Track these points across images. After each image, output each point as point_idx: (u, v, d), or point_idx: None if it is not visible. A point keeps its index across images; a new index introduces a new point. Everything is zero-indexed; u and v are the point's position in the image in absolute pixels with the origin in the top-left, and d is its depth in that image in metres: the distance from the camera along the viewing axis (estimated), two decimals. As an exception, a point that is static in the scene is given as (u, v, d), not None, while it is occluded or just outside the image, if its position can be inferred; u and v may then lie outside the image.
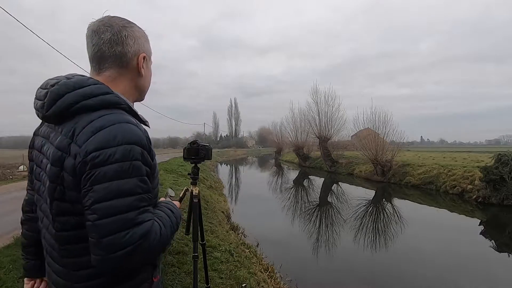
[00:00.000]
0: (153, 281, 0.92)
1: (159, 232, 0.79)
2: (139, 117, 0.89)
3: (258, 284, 3.53)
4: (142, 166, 0.78)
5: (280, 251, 6.17)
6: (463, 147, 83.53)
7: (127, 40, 0.88)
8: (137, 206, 0.75)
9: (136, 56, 0.91)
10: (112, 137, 0.74)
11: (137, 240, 0.73)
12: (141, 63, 0.92)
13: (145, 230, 0.75)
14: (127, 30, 0.89)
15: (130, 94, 0.93)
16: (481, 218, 9.80)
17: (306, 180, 20.92)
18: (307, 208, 11.65)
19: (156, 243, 0.78)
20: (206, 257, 2.25)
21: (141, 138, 0.79)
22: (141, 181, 0.77)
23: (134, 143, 0.76)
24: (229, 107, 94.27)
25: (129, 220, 0.73)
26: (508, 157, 10.79)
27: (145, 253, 0.76)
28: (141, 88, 0.97)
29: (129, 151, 0.75)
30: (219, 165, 32.16)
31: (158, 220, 0.82)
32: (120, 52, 0.88)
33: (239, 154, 59.42)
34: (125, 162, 0.74)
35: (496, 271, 5.65)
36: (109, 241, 0.71)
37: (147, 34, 0.96)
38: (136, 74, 0.92)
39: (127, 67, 0.90)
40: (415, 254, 6.49)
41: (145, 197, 0.78)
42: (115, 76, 0.89)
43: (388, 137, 19.05)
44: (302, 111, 30.73)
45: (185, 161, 2.03)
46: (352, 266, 5.80)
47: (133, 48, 0.90)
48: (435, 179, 14.51)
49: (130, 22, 0.92)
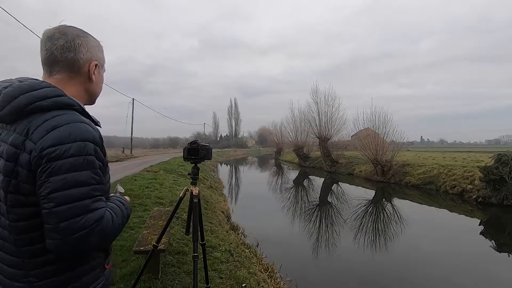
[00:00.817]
0: (105, 268, 1.01)
1: (111, 220, 0.89)
2: (91, 118, 0.98)
3: (258, 284, 3.53)
4: (96, 160, 0.88)
5: (280, 251, 6.17)
6: (463, 147, 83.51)
7: (80, 48, 0.97)
8: (92, 194, 0.85)
9: (88, 63, 0.99)
10: (68, 134, 0.83)
11: (91, 224, 0.82)
12: (92, 69, 1.00)
13: (98, 215, 0.84)
14: (80, 39, 0.98)
15: (81, 97, 1.00)
16: (481, 218, 9.80)
17: (306, 180, 20.92)
18: (307, 208, 11.65)
19: (109, 229, 0.88)
20: (206, 257, 2.25)
21: (94, 136, 0.88)
22: (94, 173, 0.87)
23: (87, 140, 0.86)
24: (229, 107, 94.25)
25: (84, 206, 0.83)
26: (508, 157, 10.80)
27: (99, 237, 0.85)
28: (92, 92, 1.05)
29: (83, 147, 0.85)
30: (219, 165, 32.14)
31: (110, 210, 0.92)
32: (72, 58, 0.95)
33: (239, 154, 59.39)
34: (80, 157, 0.84)
35: (496, 271, 5.65)
36: (66, 225, 0.80)
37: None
38: (87, 79, 1.01)
39: (78, 72, 0.98)
40: (415, 254, 6.49)
41: (98, 188, 0.88)
42: (66, 80, 0.97)
43: (388, 137, 19.08)
44: (302, 111, 30.84)
45: (185, 161, 2.03)
46: (352, 266, 5.80)
47: (85, 55, 0.98)
48: (435, 179, 14.52)
49: (85, 32, 1.01)
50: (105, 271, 1.00)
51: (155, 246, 2.16)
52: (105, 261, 1.01)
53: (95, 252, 0.95)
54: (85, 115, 0.94)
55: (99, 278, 0.97)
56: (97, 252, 0.96)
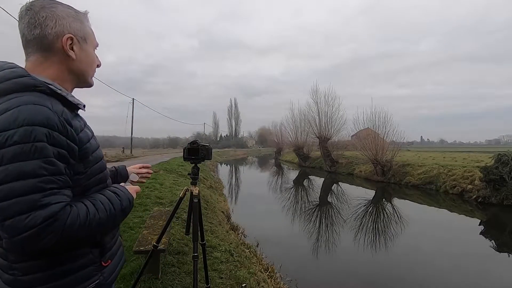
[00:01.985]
0: (102, 265, 0.91)
1: (80, 215, 0.78)
2: (68, 100, 0.85)
3: (258, 284, 3.53)
4: (48, 147, 0.74)
5: (280, 251, 6.16)
6: (463, 147, 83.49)
7: (46, 21, 0.83)
8: (42, 188, 0.73)
9: (59, 38, 0.85)
10: (14, 119, 0.72)
11: (40, 223, 0.71)
12: (66, 44, 0.86)
13: (50, 212, 0.72)
14: (45, 11, 0.84)
15: (65, 79, 0.89)
16: (481, 218, 9.80)
17: (306, 180, 20.91)
18: (307, 208, 11.65)
19: (77, 226, 0.76)
20: (206, 257, 2.24)
21: (48, 118, 0.75)
22: (46, 162, 0.74)
23: (37, 124, 0.73)
24: (229, 107, 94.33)
25: (31, 202, 0.71)
26: (508, 157, 10.79)
27: (57, 237, 0.73)
28: (77, 71, 0.91)
29: (30, 132, 0.72)
30: (219, 165, 32.13)
31: (88, 202, 0.82)
32: (39, 35, 0.83)
33: (239, 154, 59.36)
34: (26, 144, 0.72)
35: (496, 271, 5.65)
36: (10, 224, 0.70)
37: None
38: (64, 57, 0.87)
39: (51, 50, 0.85)
40: (415, 254, 6.49)
41: (53, 179, 0.75)
42: (41, 61, 0.86)
43: (388, 137, 19.09)
44: (302, 111, 30.85)
45: (185, 161, 2.03)
46: (352, 266, 5.80)
47: (54, 29, 0.84)
48: (435, 179, 14.51)
49: (53, 1, 0.86)
50: (103, 269, 0.91)
51: (155, 246, 2.16)
52: (101, 257, 0.91)
53: (87, 248, 0.87)
54: (56, 97, 0.82)
55: (94, 276, 0.88)
56: (88, 248, 0.87)
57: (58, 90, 0.83)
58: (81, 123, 0.89)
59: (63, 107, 0.82)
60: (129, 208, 0.97)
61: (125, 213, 0.95)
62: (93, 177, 0.90)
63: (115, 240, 1.01)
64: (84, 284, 0.86)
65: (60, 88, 0.86)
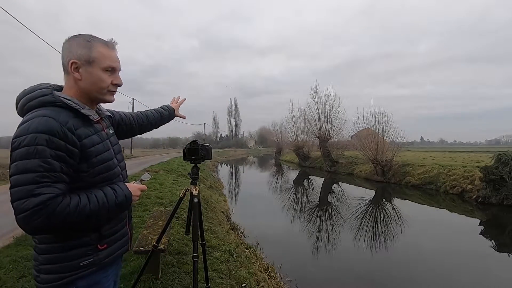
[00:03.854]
0: (98, 248, 1.12)
1: (71, 204, 0.98)
2: (81, 113, 1.07)
3: (258, 284, 3.53)
4: (47, 149, 0.95)
5: (280, 251, 6.16)
6: (463, 147, 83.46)
7: (64, 52, 1.08)
8: (38, 181, 0.94)
9: (68, 63, 1.07)
10: (27, 128, 0.96)
11: (32, 207, 0.92)
12: (69, 68, 1.08)
13: (39, 200, 0.92)
14: (65, 44, 1.09)
15: (81, 96, 1.11)
16: (481, 218, 9.79)
17: (306, 180, 20.91)
18: (307, 208, 11.65)
19: (66, 213, 0.96)
20: (206, 257, 2.24)
21: (51, 128, 0.97)
22: (43, 162, 0.95)
23: (41, 132, 0.95)
24: (229, 107, 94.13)
25: (28, 191, 0.93)
26: (508, 157, 10.79)
27: (45, 219, 0.93)
28: (84, 90, 1.11)
29: (35, 138, 0.94)
30: (219, 165, 32.12)
31: (83, 195, 1.02)
32: (62, 62, 1.09)
33: (239, 154, 59.34)
34: (31, 147, 0.94)
35: (496, 271, 5.64)
36: (15, 205, 0.94)
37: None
38: (74, 77, 1.09)
39: (67, 73, 1.10)
40: (415, 254, 6.49)
41: (47, 175, 0.95)
42: (66, 82, 1.12)
43: (388, 137, 19.05)
44: (302, 111, 30.74)
45: (185, 161, 2.03)
46: (352, 266, 5.80)
47: (67, 56, 1.08)
48: (435, 179, 14.51)
49: (75, 36, 1.10)
50: (98, 251, 1.12)
51: (155, 246, 2.16)
52: (98, 241, 1.12)
53: (86, 232, 1.08)
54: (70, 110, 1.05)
55: (88, 256, 1.09)
56: (87, 232, 1.08)
57: (74, 104, 1.06)
58: (89, 131, 1.09)
59: (71, 118, 1.04)
60: (125, 203, 1.16)
61: (121, 208, 1.14)
62: (98, 176, 1.11)
63: (117, 229, 1.21)
64: (80, 260, 1.08)
65: (77, 102, 1.08)
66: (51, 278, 1.06)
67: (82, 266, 1.08)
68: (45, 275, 1.06)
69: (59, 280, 1.06)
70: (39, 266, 1.07)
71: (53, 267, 1.05)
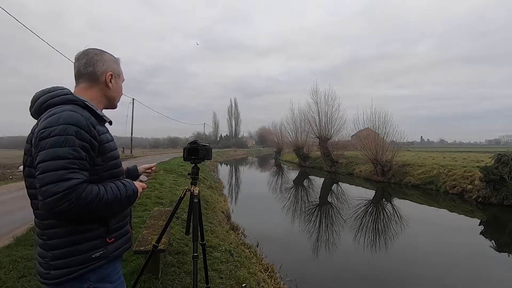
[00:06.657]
0: (106, 241, 1.18)
1: (93, 192, 1.05)
2: (96, 112, 1.18)
3: (258, 284, 3.53)
4: (76, 139, 1.05)
5: (280, 251, 6.17)
6: (463, 147, 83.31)
7: (97, 63, 1.26)
8: (68, 167, 1.02)
9: (104, 73, 1.27)
10: (56, 119, 1.06)
11: (62, 190, 0.99)
12: (108, 78, 1.28)
13: (70, 184, 1.00)
14: (98, 56, 1.27)
15: (99, 101, 1.28)
16: (481, 218, 9.79)
17: (306, 180, 20.91)
18: (307, 208, 11.65)
19: (89, 199, 1.04)
20: (206, 257, 2.25)
21: (78, 120, 1.07)
22: (73, 150, 1.04)
23: (71, 124, 1.05)
24: (229, 107, 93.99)
25: (59, 175, 1.00)
26: (508, 157, 10.79)
27: (72, 203, 1.00)
28: (110, 97, 1.32)
29: (65, 129, 1.04)
30: (219, 165, 32.12)
31: (100, 185, 1.11)
32: (91, 71, 1.25)
33: (239, 154, 59.33)
34: (62, 136, 1.03)
35: (496, 271, 5.65)
36: (45, 189, 1.00)
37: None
38: (105, 86, 1.28)
39: (97, 81, 1.26)
40: (415, 254, 6.49)
41: (76, 162, 1.04)
42: (86, 87, 1.26)
43: (388, 137, 19.06)
44: (302, 111, 30.76)
45: (185, 161, 2.03)
46: (352, 266, 5.80)
47: (101, 68, 1.26)
48: (435, 179, 14.51)
49: (102, 51, 1.31)
50: (107, 244, 1.18)
51: (155, 246, 2.16)
52: (107, 235, 1.18)
53: (94, 225, 1.14)
54: (88, 110, 1.15)
55: (99, 248, 1.16)
56: (96, 225, 1.15)
57: (90, 105, 1.18)
58: (104, 129, 1.22)
59: (91, 116, 1.15)
60: (134, 196, 1.25)
61: (130, 200, 1.23)
62: (109, 170, 1.20)
63: (122, 225, 1.27)
64: (91, 253, 1.13)
65: (92, 105, 1.20)
66: (63, 273, 1.09)
67: (94, 258, 1.14)
68: (56, 270, 1.09)
69: (70, 274, 1.09)
70: (49, 262, 1.10)
71: (64, 261, 1.09)
